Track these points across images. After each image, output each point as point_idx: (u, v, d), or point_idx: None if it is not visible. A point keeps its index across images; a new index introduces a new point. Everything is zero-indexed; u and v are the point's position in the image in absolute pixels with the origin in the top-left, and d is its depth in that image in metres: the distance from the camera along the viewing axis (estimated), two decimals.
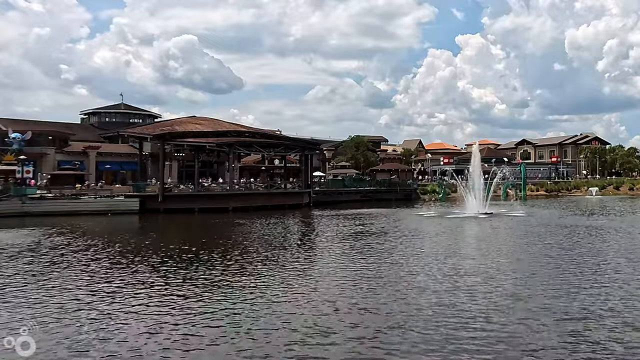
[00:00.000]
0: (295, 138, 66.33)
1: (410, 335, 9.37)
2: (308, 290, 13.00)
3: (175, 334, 9.60)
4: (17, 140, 45.85)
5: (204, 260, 17.75)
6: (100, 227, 30.28)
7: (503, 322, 10.06)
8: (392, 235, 24.79)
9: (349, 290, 13.00)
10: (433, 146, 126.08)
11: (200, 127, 53.05)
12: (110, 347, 8.88)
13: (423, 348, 8.70)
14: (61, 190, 41.43)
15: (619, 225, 28.90)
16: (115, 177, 57.59)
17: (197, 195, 44.44)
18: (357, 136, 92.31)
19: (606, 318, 10.24)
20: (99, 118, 71.91)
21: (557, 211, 40.93)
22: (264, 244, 22.57)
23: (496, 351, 8.52)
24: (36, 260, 17.94)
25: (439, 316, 10.49)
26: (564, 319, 10.17)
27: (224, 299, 12.10)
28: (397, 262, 17.04)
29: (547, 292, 12.46)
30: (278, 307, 11.34)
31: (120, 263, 17.37)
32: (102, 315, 10.85)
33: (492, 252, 19.10)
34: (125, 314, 10.96)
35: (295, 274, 15.15)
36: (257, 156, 64.53)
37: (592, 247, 20.10)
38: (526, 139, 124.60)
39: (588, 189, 70.62)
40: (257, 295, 12.43)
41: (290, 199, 47.55)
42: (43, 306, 11.52)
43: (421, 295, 12.27)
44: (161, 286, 13.66)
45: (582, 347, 8.67)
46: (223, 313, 10.92)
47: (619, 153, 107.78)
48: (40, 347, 8.75)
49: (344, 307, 11.27)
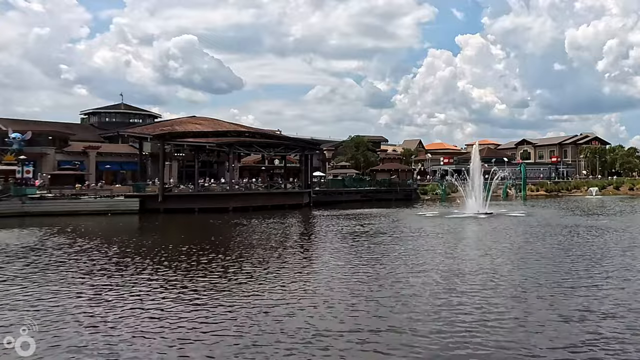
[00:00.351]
0: (295, 138, 66.33)
1: (409, 335, 9.37)
2: (308, 290, 13.01)
3: (175, 334, 9.60)
4: (17, 140, 45.81)
5: (203, 260, 17.75)
6: (100, 227, 30.28)
7: (502, 323, 10.06)
8: (392, 236, 24.79)
9: (348, 290, 12.98)
10: (433, 146, 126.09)
11: (200, 127, 53.05)
12: (110, 347, 8.89)
13: (422, 348, 8.71)
14: (61, 190, 41.44)
15: (619, 225, 28.88)
16: (115, 177, 57.60)
17: (197, 195, 44.45)
18: (357, 136, 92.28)
19: (606, 319, 10.26)
20: (99, 118, 71.94)
21: (557, 211, 40.92)
22: (264, 244, 22.56)
23: (495, 352, 8.52)
24: (36, 260, 17.94)
25: (438, 317, 10.49)
26: (563, 319, 10.19)
27: (224, 299, 12.10)
28: (396, 262, 17.03)
29: (546, 293, 12.47)
30: (278, 307, 11.35)
31: (120, 263, 17.36)
32: (102, 315, 10.86)
33: (491, 252, 19.10)
34: (125, 313, 10.96)
35: (295, 274, 15.16)
36: (257, 156, 64.53)
37: (592, 248, 20.08)
38: (526, 139, 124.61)
39: (588, 189, 70.63)
40: (257, 295, 12.43)
41: (290, 199, 47.56)
42: (43, 306, 11.53)
43: (420, 296, 12.27)
44: (161, 286, 13.67)
45: (582, 348, 8.68)
46: (223, 313, 10.93)
47: (619, 153, 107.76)
48: (40, 347, 8.76)
49: (344, 307, 11.27)
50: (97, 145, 58.15)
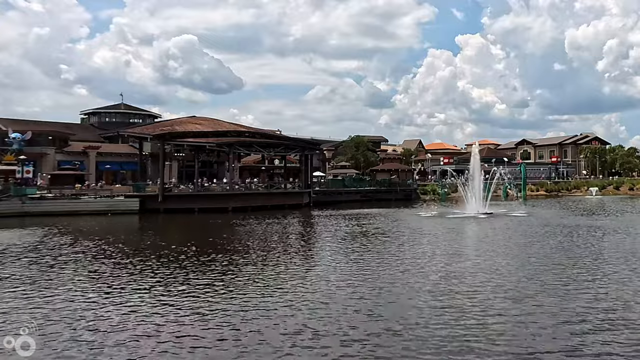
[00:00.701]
0: (295, 138, 66.34)
1: (408, 334, 9.38)
2: (307, 291, 13.01)
3: (174, 334, 9.60)
4: (17, 140, 45.84)
5: (203, 260, 17.75)
6: (101, 228, 30.27)
7: (501, 322, 10.07)
8: (392, 236, 24.80)
9: (348, 290, 12.99)
10: (433, 146, 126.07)
11: (200, 127, 53.08)
12: (110, 347, 8.89)
13: (422, 349, 8.72)
14: (61, 190, 41.45)
15: (619, 225, 28.88)
16: (115, 177, 57.61)
17: (197, 195, 44.45)
18: (357, 136, 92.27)
19: (606, 319, 10.26)
20: (99, 118, 71.95)
21: (557, 211, 40.92)
22: (264, 244, 22.56)
23: (495, 353, 8.53)
24: (36, 260, 17.94)
25: (437, 317, 10.50)
26: (563, 320, 10.20)
27: (224, 300, 12.11)
28: (395, 262, 17.03)
29: (545, 292, 12.48)
30: (277, 307, 11.35)
31: (120, 263, 17.37)
32: (102, 315, 10.86)
33: (489, 251, 19.10)
34: (125, 314, 10.97)
35: (294, 274, 15.17)
36: (257, 156, 64.51)
37: (593, 247, 20.07)
38: (526, 139, 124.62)
39: (588, 189, 70.63)
40: (256, 296, 12.43)
41: (290, 199, 47.57)
42: (43, 306, 11.53)
43: (418, 296, 12.27)
44: (161, 287, 13.67)
45: (583, 350, 8.69)
46: (222, 314, 10.94)
47: (619, 153, 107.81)
48: (40, 347, 8.77)
49: (344, 307, 11.28)
50: (97, 145, 58.16)
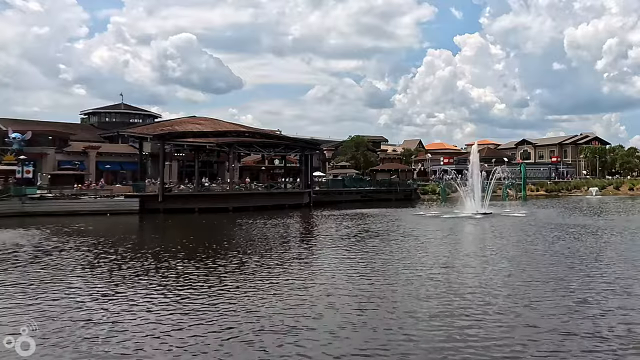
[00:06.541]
0: (295, 138, 66.37)
1: (407, 335, 9.39)
2: (307, 291, 13.01)
3: (173, 334, 9.61)
4: (17, 140, 45.90)
5: (203, 260, 17.75)
6: (101, 228, 30.28)
7: (500, 323, 10.08)
8: (391, 236, 24.79)
9: (347, 290, 13.00)
10: (433, 146, 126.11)
11: (200, 127, 53.11)
12: (110, 347, 8.90)
13: (420, 349, 8.73)
14: (61, 190, 41.46)
15: (618, 225, 28.89)
16: (115, 177, 57.61)
17: (197, 195, 44.45)
18: (357, 136, 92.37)
19: (606, 320, 10.28)
20: (99, 118, 71.93)
21: (557, 211, 40.92)
22: (264, 244, 22.57)
23: (494, 353, 8.55)
24: (36, 260, 17.95)
25: (435, 318, 10.51)
26: (563, 320, 10.21)
27: (223, 300, 12.12)
28: (394, 262, 17.05)
29: (544, 293, 12.49)
30: (278, 306, 11.37)
31: (120, 263, 17.35)
32: (102, 315, 10.86)
33: (487, 252, 19.12)
34: (125, 314, 10.97)
35: (294, 274, 15.16)
36: (257, 156, 64.52)
37: (593, 247, 20.08)
38: (526, 139, 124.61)
39: (588, 189, 70.64)
40: (256, 296, 12.45)
41: (290, 199, 47.57)
42: (43, 306, 11.53)
43: (417, 297, 12.29)
44: (161, 287, 13.67)
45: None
46: (223, 313, 10.95)
47: (619, 153, 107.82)
48: (40, 347, 8.78)
49: (343, 308, 11.29)
50: (97, 145, 58.15)
